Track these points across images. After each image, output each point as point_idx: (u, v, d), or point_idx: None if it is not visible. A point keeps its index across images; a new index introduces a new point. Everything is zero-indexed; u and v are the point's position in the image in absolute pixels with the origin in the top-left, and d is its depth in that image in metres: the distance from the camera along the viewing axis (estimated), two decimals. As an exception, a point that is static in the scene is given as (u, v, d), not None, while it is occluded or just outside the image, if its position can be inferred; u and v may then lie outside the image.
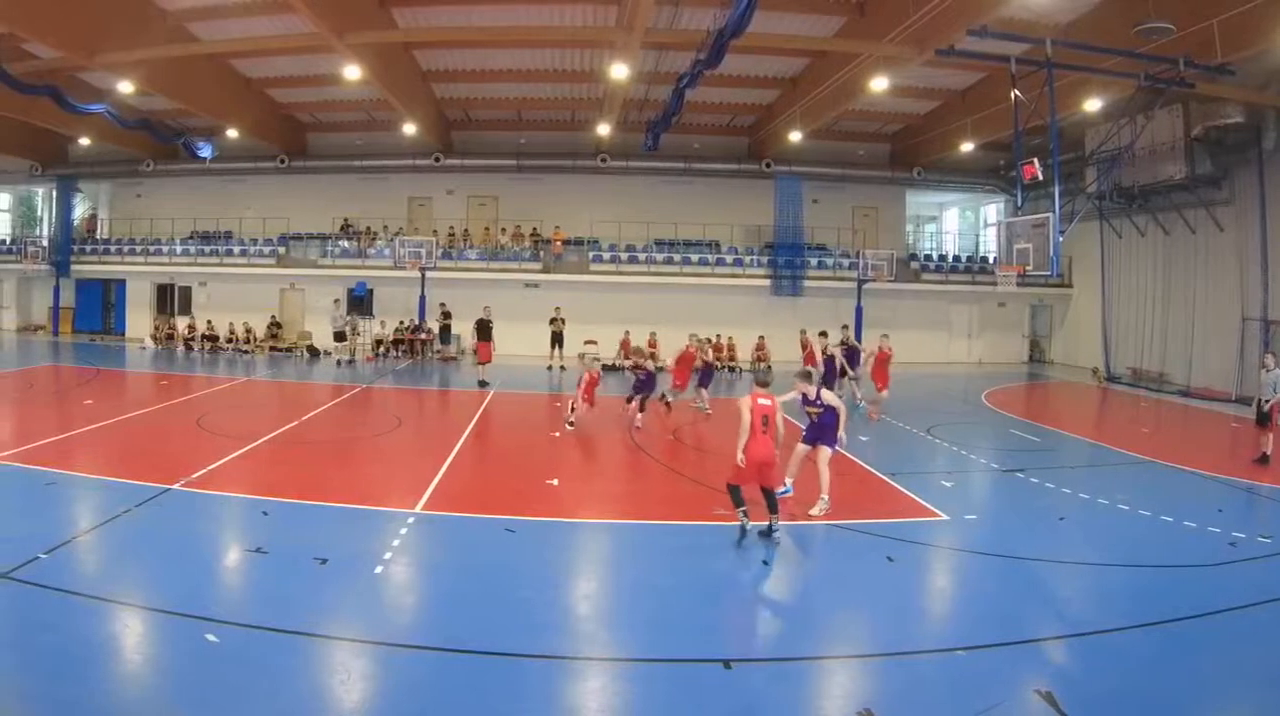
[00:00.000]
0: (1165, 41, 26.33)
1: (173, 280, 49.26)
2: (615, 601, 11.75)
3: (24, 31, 29.86)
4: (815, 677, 9.59)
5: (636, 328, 40.68)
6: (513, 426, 26.70)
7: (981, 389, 35.81)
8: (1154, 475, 20.29)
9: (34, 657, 9.00)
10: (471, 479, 18.58)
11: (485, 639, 9.84)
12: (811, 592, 12.40)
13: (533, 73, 39.79)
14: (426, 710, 8.35)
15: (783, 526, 14.16)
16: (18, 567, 11.34)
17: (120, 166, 50.98)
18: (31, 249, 49.44)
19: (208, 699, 8.31)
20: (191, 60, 35.95)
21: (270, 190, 50.10)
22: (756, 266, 45.95)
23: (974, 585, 12.81)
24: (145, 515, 14.38)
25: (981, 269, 47.36)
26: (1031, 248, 27.47)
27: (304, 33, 31.14)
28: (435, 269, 43.07)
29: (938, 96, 40.61)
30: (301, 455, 20.08)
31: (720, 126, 47.35)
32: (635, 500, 16.86)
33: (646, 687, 9.11)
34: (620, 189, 48.27)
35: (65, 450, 19.21)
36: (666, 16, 29.09)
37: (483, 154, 48.20)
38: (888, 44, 28.54)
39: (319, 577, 11.74)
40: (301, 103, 45.21)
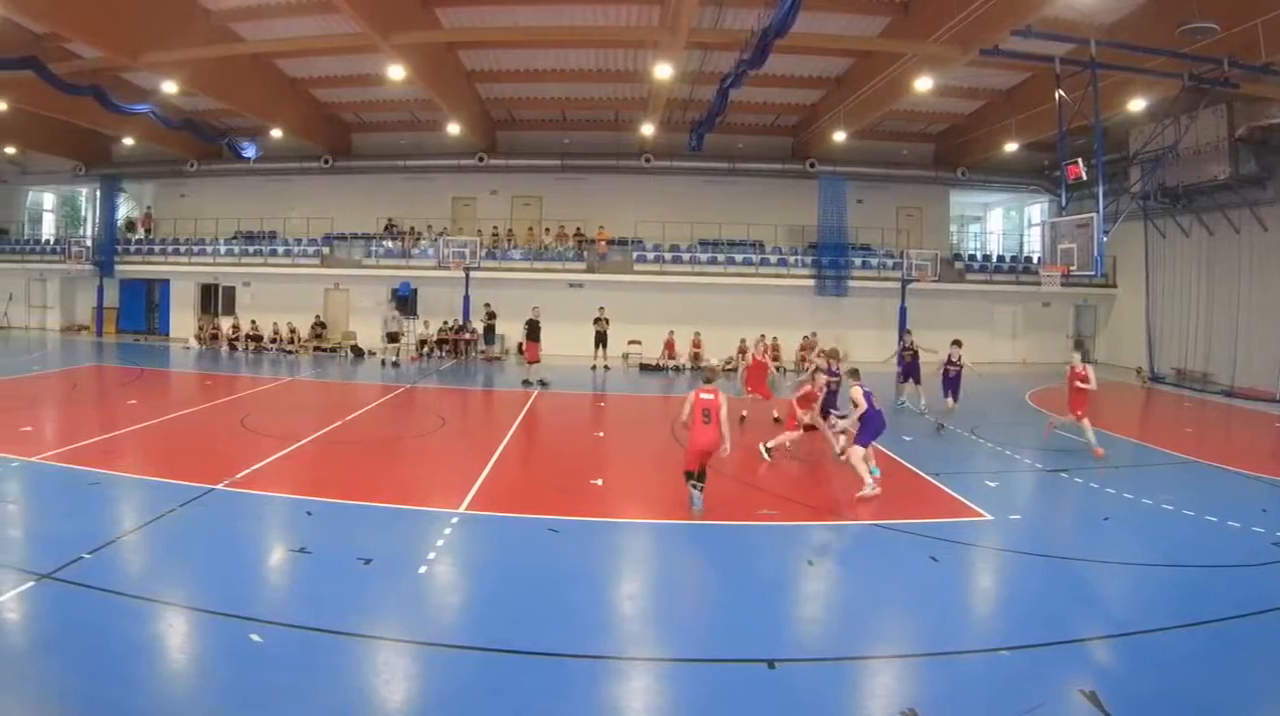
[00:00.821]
0: (1209, 41, 26.89)
1: (217, 280, 50.63)
2: (659, 601, 12.00)
3: (67, 31, 31.18)
4: (859, 677, 9.77)
5: (680, 328, 42.19)
6: (557, 426, 27.22)
7: (1025, 389, 36.32)
8: (1198, 475, 20.50)
9: (78, 658, 9.22)
10: (515, 479, 18.94)
11: (529, 639, 10.08)
12: (855, 592, 12.64)
13: (577, 73, 40.84)
14: (470, 710, 8.61)
15: (827, 526, 15.20)
16: (62, 568, 11.66)
17: (164, 166, 52.55)
18: (75, 249, 50.82)
19: (251, 699, 8.58)
20: (236, 60, 37.04)
21: (314, 190, 51.60)
22: (800, 266, 46.99)
23: (1018, 585, 13.06)
24: (189, 515, 14.80)
25: (1026, 269, 48.18)
26: (1075, 248, 27.97)
27: (348, 33, 32.24)
28: (479, 269, 44.25)
29: (982, 96, 41.45)
30: (345, 455, 20.53)
31: (764, 126, 48.42)
32: (679, 500, 16.66)
33: (691, 688, 9.31)
34: (664, 189, 49.43)
35: (109, 450, 19.71)
36: (710, 16, 29.87)
37: (527, 154, 49.43)
38: (932, 44, 29.17)
39: (363, 578, 12.08)
40: (346, 102, 46.51)
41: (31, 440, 20.19)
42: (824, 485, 19.17)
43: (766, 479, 18.72)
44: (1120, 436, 25.22)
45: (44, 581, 11.17)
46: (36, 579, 11.20)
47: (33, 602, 10.62)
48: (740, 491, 17.73)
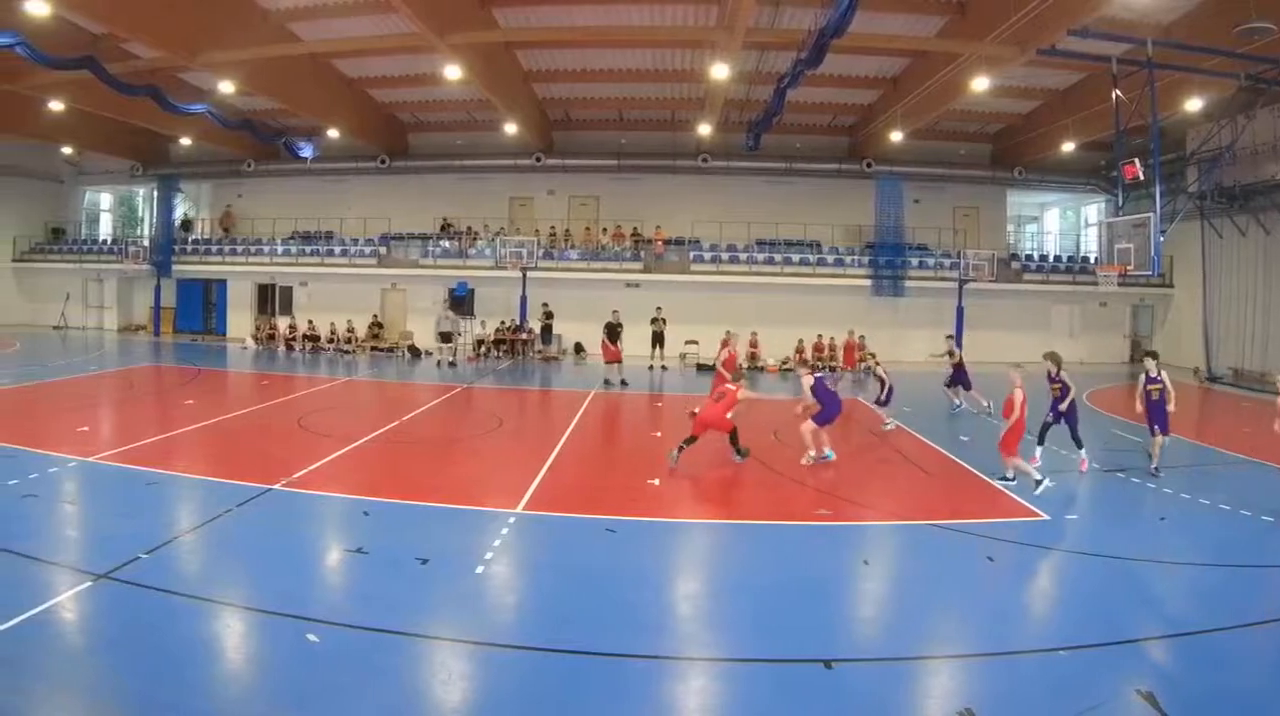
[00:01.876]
0: (1266, 41, 27.98)
1: (274, 280, 52.71)
2: (716, 601, 12.36)
3: (124, 31, 32.53)
4: (916, 677, 10.02)
5: (738, 328, 41.98)
6: (614, 426, 28.25)
7: (1083, 389, 35.65)
8: (1256, 475, 20.94)
9: (135, 658, 9.53)
10: (572, 479, 19.33)
11: (586, 639, 10.37)
12: (912, 592, 12.93)
13: (633, 73, 42.30)
14: (527, 710, 8.90)
15: (883, 526, 15.93)
16: (119, 567, 12.05)
17: (221, 166, 54.85)
18: (133, 249, 52.91)
19: (308, 698, 8.89)
20: (293, 60, 38.54)
21: (371, 190, 53.66)
22: (857, 267, 48.40)
23: (1075, 585, 13.37)
24: (246, 515, 15.28)
25: (1082, 269, 49.20)
26: (1132, 248, 29.21)
27: (405, 33, 33.52)
28: (536, 269, 46.02)
29: (1039, 96, 42.71)
30: (402, 455, 21.26)
31: (821, 126, 50.06)
32: (736, 500, 17.67)
33: (748, 687, 9.59)
34: (721, 189, 51.04)
35: (166, 450, 20.34)
36: (767, 16, 31.05)
37: (584, 154, 51.25)
38: (989, 44, 30.19)
39: (420, 577, 12.47)
40: (402, 102, 48.41)
41: (89, 440, 20.98)
42: (880, 485, 19.84)
43: (823, 479, 19.38)
44: (1178, 436, 24.82)
45: (101, 581, 11.58)
46: (94, 579, 11.61)
47: (90, 602, 11.02)
48: (797, 491, 18.31)
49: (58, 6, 28.25)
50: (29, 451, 19.20)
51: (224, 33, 33.59)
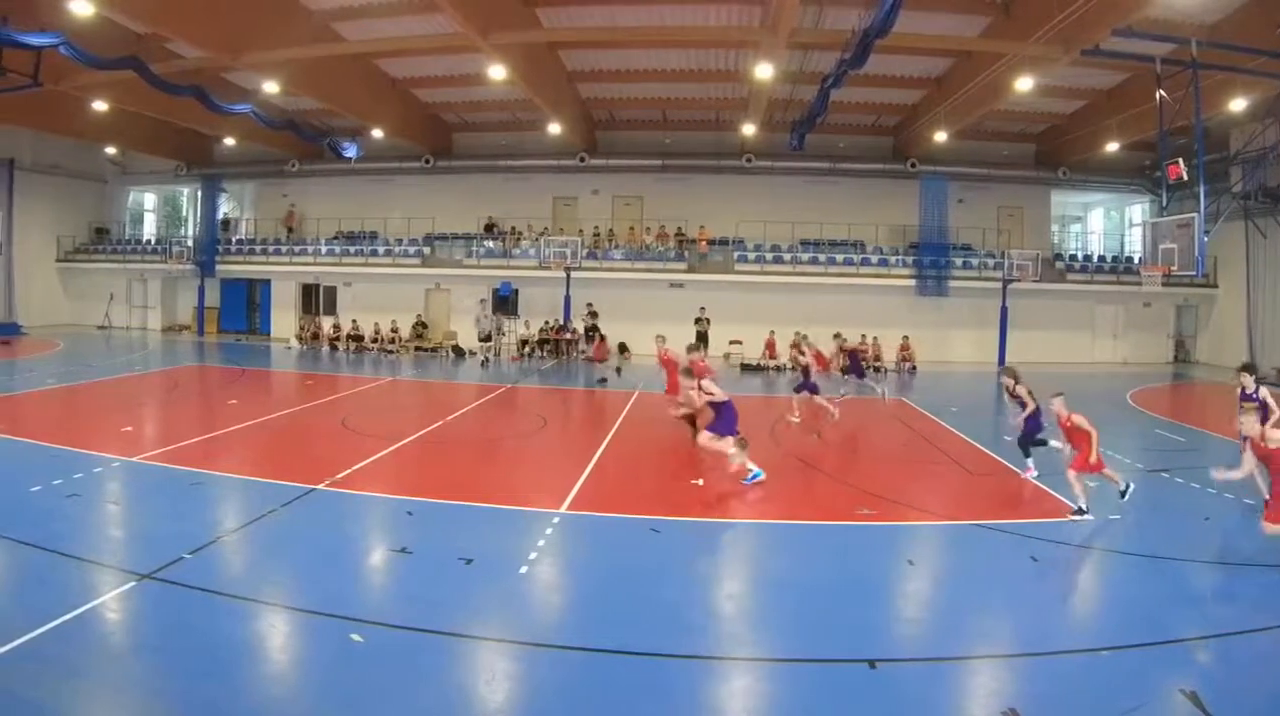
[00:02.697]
0: None
1: (318, 280, 54.24)
2: (760, 601, 12.59)
3: (168, 31, 33.67)
4: (960, 677, 10.17)
5: (781, 328, 44.04)
6: (657, 426, 27.50)
7: (1126, 389, 37.43)
8: None
9: (179, 658, 9.76)
10: (616, 479, 19.63)
11: (630, 639, 10.55)
12: (955, 592, 13.07)
13: (677, 73, 43.31)
14: (571, 710, 9.06)
15: (926, 526, 16.16)
16: (163, 568, 12.29)
17: (265, 166, 56.54)
18: (176, 249, 54.73)
19: (352, 699, 9.08)
20: (337, 60, 39.61)
21: (415, 190, 55.12)
22: (901, 266, 49.43)
23: (1118, 585, 13.53)
24: (290, 515, 15.60)
25: (1126, 269, 49.99)
26: (1176, 248, 30.43)
27: (450, 33, 34.43)
28: (580, 269, 47.25)
29: (1083, 96, 43.60)
30: (446, 455, 21.52)
31: (865, 126, 51.27)
32: (779, 500, 17.61)
33: (792, 688, 9.78)
34: (765, 189, 52.19)
35: (210, 450, 20.74)
36: (811, 16, 31.52)
37: (627, 154, 52.73)
38: (1033, 44, 30.77)
39: (464, 578, 12.69)
40: (447, 103, 49.87)
41: (133, 440, 21.50)
42: (924, 485, 20.08)
43: (865, 479, 19.81)
44: (1222, 436, 25.76)
45: (145, 581, 11.83)
46: (138, 579, 11.86)
47: (134, 602, 11.28)
48: (839, 491, 18.72)
49: (101, 6, 29.32)
50: (73, 451, 19.77)
51: (268, 33, 34.62)
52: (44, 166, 56.12)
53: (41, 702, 8.63)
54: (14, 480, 16.94)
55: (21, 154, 54.04)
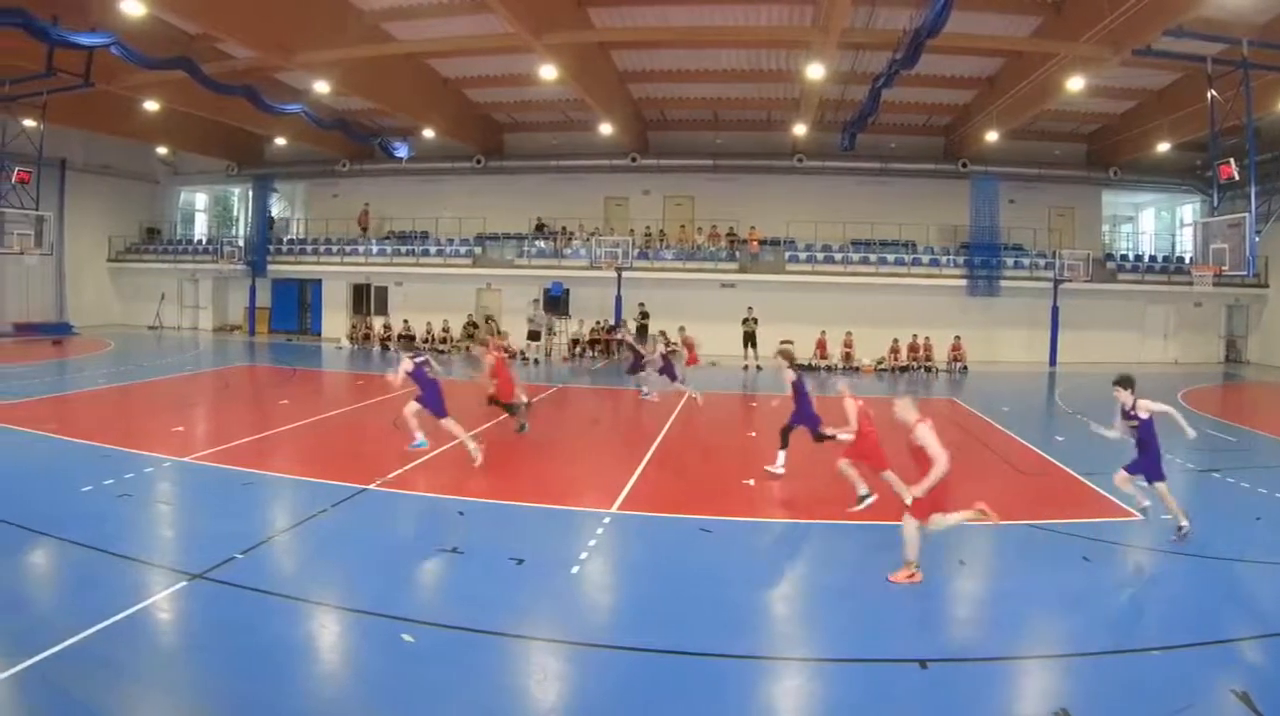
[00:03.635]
0: None
1: (369, 280, 55.96)
2: (811, 601, 12.91)
3: (220, 32, 34.53)
4: (1011, 677, 10.37)
5: (833, 328, 46.06)
6: (708, 426, 28.76)
7: (1177, 389, 37.38)
8: None
9: (230, 658, 10.03)
10: (667, 479, 19.96)
11: (681, 639, 10.76)
12: (1007, 592, 13.30)
13: (729, 73, 44.46)
14: (623, 710, 9.28)
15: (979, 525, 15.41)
16: (214, 568, 12.62)
17: (316, 166, 58.29)
18: (228, 249, 56.43)
19: (403, 698, 9.29)
20: (388, 60, 40.74)
21: (466, 190, 56.75)
22: (952, 267, 50.46)
23: (1169, 585, 13.77)
24: (341, 515, 15.95)
25: (1177, 269, 50.80)
26: (1227, 248, 31.35)
27: (501, 33, 35.21)
28: (631, 269, 48.66)
29: (1134, 96, 44.41)
30: (497, 455, 21.35)
31: (916, 126, 52.45)
32: (830, 500, 17.62)
33: (843, 688, 9.98)
34: (816, 189, 53.47)
35: (262, 450, 21.29)
36: (862, 16, 31.90)
37: (679, 154, 54.08)
38: (1084, 44, 31.41)
39: (515, 578, 12.98)
40: (498, 103, 51.32)
41: (184, 440, 21.98)
42: (975, 485, 18.57)
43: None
44: (1273, 436, 26.49)
45: (196, 581, 12.15)
46: (189, 578, 12.19)
47: (185, 602, 11.59)
48: (890, 491, 18.04)
49: (152, 6, 30.15)
50: (124, 451, 20.30)
51: (319, 33, 35.46)
52: (95, 167, 57.79)
53: (93, 702, 8.96)
54: (66, 480, 17.50)
55: (73, 154, 55.47)
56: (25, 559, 13.22)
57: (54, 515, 14.84)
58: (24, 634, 10.08)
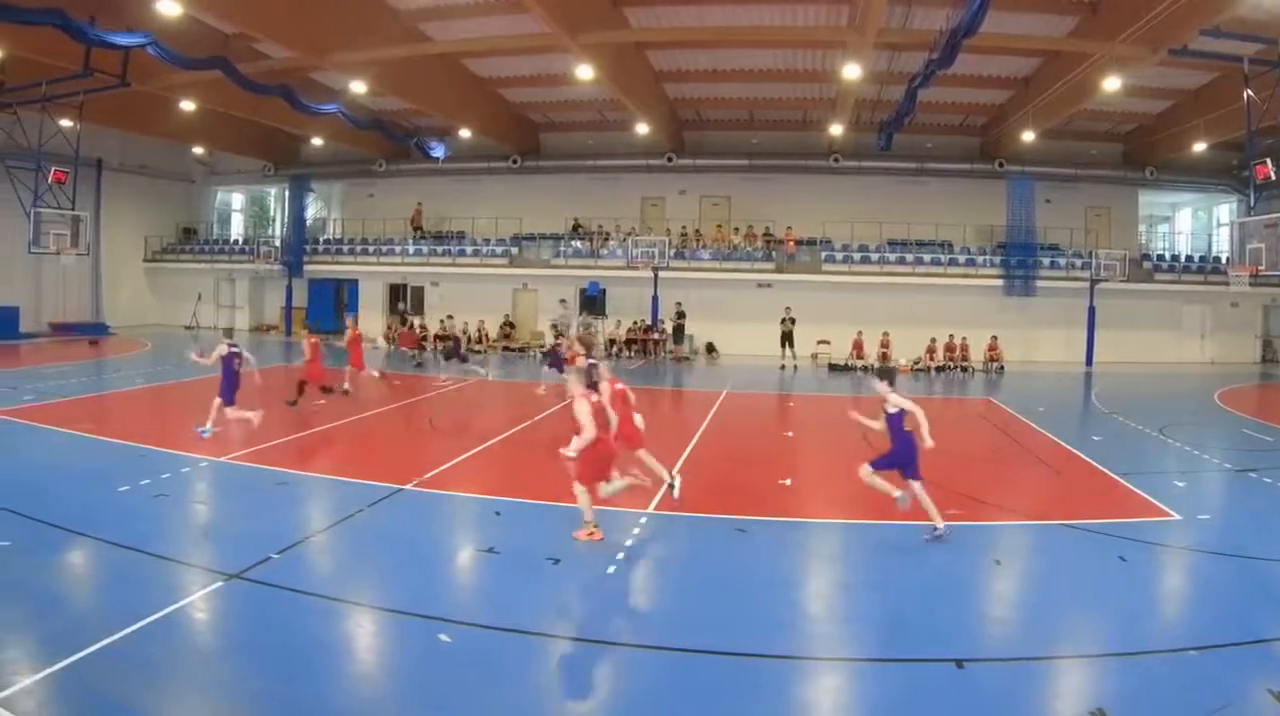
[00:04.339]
0: None
1: (405, 280, 57.10)
2: (847, 601, 12.92)
3: (256, 32, 35.48)
4: (1047, 677, 10.38)
5: (869, 328, 46.84)
6: (745, 426, 29.19)
7: (1213, 389, 38.27)
8: None
9: (266, 658, 10.18)
10: (704, 479, 19.76)
11: (717, 639, 10.86)
12: (1043, 592, 13.41)
13: (765, 73, 45.31)
14: (659, 710, 9.33)
15: (1014, 526, 16.69)
16: (250, 568, 12.78)
17: (352, 166, 59.67)
18: (264, 249, 57.70)
19: (440, 699, 9.42)
20: (424, 60, 41.63)
21: (502, 190, 58.05)
22: (989, 266, 51.24)
23: (1206, 585, 13.85)
24: (377, 515, 16.16)
25: (1214, 269, 51.41)
26: (1264, 247, 31.84)
27: (537, 32, 35.88)
28: (668, 269, 49.74)
29: (1170, 96, 45.20)
30: (534, 455, 22.12)
31: (953, 126, 53.30)
32: (866, 500, 17.37)
33: (880, 687, 10.07)
34: (853, 189, 54.42)
35: (297, 450, 21.67)
36: (898, 16, 32.30)
37: (715, 154, 55.22)
38: (1120, 44, 31.66)
39: (552, 577, 13.16)
40: (534, 102, 52.39)
41: (220, 440, 22.10)
42: (1011, 485, 20.84)
43: (953, 479, 19.62)
44: None
45: (232, 581, 12.30)
46: (225, 579, 12.34)
47: (222, 602, 11.76)
48: (929, 492, 17.71)
49: (189, 6, 30.95)
50: (160, 451, 20.64)
51: (355, 33, 36.21)
52: (132, 167, 59.18)
53: (130, 702, 9.04)
54: (102, 480, 17.76)
55: (109, 154, 56.75)
56: (62, 559, 13.46)
57: (91, 515, 15.18)
58: (61, 634, 10.28)
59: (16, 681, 9.01)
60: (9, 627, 10.56)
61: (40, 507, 15.27)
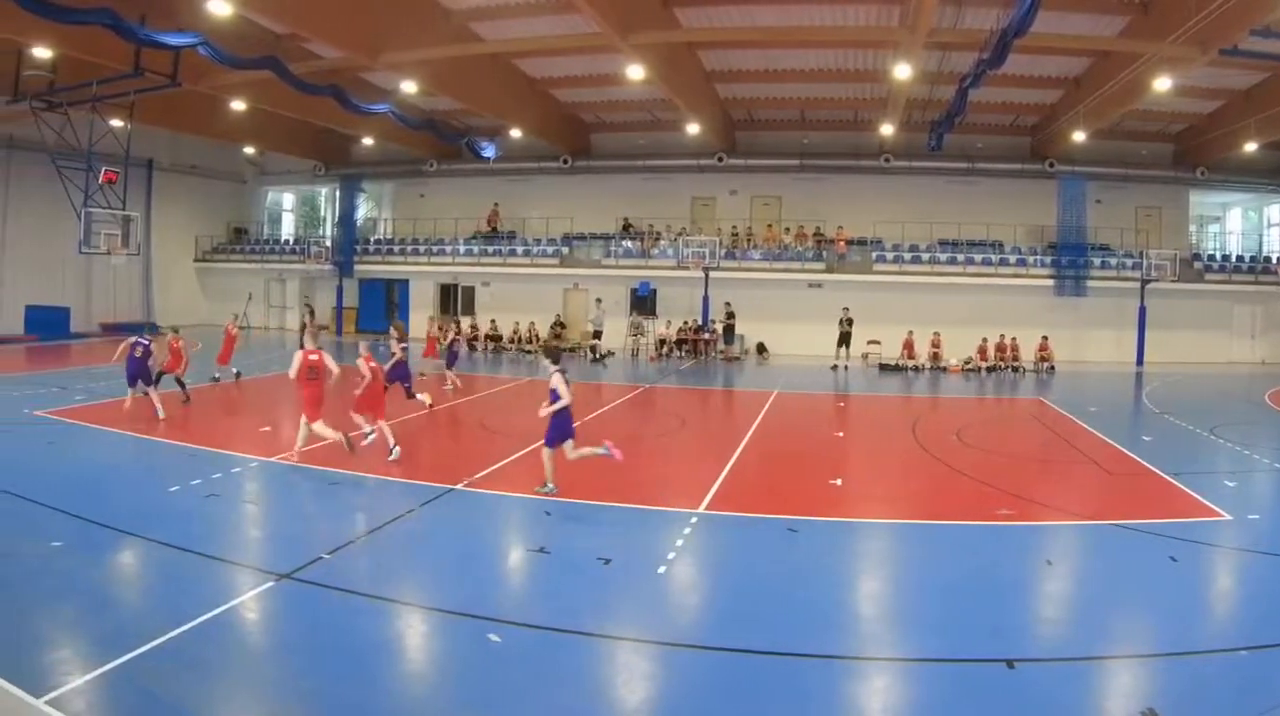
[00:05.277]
0: None
1: (456, 280, 58.83)
2: (898, 601, 13.25)
3: (307, 32, 36.20)
4: (1098, 677, 10.53)
5: (920, 328, 47.66)
6: (796, 426, 29.84)
7: (1264, 389, 38.80)
8: None
9: (317, 657, 10.37)
10: (754, 479, 20.62)
11: (768, 639, 11.05)
12: (1094, 592, 13.58)
13: (816, 73, 46.34)
14: (709, 710, 9.47)
15: (1065, 526, 17.12)
16: (301, 568, 13.04)
17: (403, 166, 61.22)
18: (315, 249, 59.49)
19: (490, 698, 9.56)
20: (475, 60, 42.63)
21: (553, 190, 59.56)
22: (1039, 266, 52.44)
23: (1257, 585, 13.95)
24: (428, 515, 16.52)
25: (1265, 269, 52.60)
26: None
27: (588, 32, 36.65)
28: (718, 269, 51.02)
29: (1220, 96, 45.98)
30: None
31: (1003, 126, 54.43)
32: (918, 500, 18.51)
33: (930, 688, 10.22)
34: (903, 189, 55.61)
35: (345, 450, 20.95)
36: (949, 16, 33.05)
37: (766, 154, 56.47)
38: (1171, 44, 32.05)
39: (602, 578, 13.40)
40: (585, 102, 53.85)
41: (271, 440, 22.95)
42: (1063, 485, 21.27)
43: (1005, 479, 20.55)
44: None
45: (283, 581, 12.57)
46: (276, 579, 12.62)
47: (272, 602, 12.06)
48: (978, 491, 19.49)
49: (239, 6, 31.52)
50: (212, 451, 21.26)
51: (406, 33, 37.08)
52: (182, 167, 61.12)
53: (181, 702, 9.27)
54: (153, 481, 18.26)
55: (160, 154, 58.58)
56: (113, 559, 13.83)
57: (142, 515, 15.55)
58: (112, 633, 10.53)
59: (68, 681, 9.30)
60: (61, 627, 10.98)
61: (91, 508, 15.83)
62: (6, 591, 11.83)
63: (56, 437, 22.98)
